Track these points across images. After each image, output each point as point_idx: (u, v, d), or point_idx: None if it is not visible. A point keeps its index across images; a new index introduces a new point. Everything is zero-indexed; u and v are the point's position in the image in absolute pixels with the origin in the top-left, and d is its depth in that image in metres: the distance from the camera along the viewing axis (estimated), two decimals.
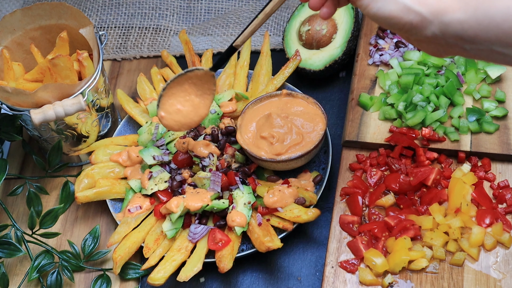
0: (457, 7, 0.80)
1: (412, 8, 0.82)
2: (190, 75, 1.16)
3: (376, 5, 0.84)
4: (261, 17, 1.01)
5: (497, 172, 1.31)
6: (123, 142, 1.41)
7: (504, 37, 0.79)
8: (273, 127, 1.29)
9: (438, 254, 1.20)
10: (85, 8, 1.70)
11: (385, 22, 0.85)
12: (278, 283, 1.26)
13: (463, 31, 0.81)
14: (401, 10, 0.83)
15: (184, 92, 1.18)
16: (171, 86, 1.17)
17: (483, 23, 0.79)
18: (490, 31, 0.79)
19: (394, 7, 0.83)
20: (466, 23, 0.80)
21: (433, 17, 0.82)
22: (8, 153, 1.50)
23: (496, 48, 0.81)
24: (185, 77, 1.16)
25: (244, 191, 1.27)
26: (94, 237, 1.31)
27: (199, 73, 1.16)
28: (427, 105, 1.35)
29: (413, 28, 0.84)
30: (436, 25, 0.82)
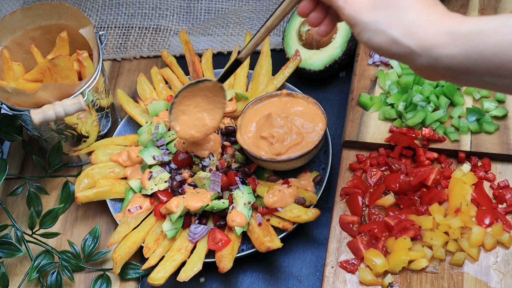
0: (446, 42, 0.80)
1: (399, 41, 0.83)
2: (201, 86, 1.19)
3: (366, 35, 0.85)
4: (262, 30, 1.03)
5: (497, 172, 1.31)
6: (123, 142, 1.41)
7: (494, 70, 0.79)
8: (273, 127, 1.29)
9: (438, 254, 1.20)
10: (85, 8, 1.70)
11: (376, 51, 0.86)
12: (278, 283, 1.26)
13: (453, 65, 0.81)
14: (389, 43, 0.84)
15: (196, 108, 1.22)
16: (184, 95, 1.19)
17: (472, 57, 0.79)
18: (480, 65, 0.79)
19: (382, 39, 0.84)
20: (455, 58, 0.80)
21: (421, 51, 0.82)
22: (8, 153, 1.50)
23: (487, 79, 0.82)
24: (197, 88, 1.19)
25: (244, 191, 1.27)
26: (94, 237, 1.31)
27: (209, 84, 1.18)
28: (427, 105, 1.35)
29: (402, 58, 0.85)
30: (425, 58, 0.82)
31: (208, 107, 1.22)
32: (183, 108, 1.22)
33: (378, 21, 0.83)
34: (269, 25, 1.01)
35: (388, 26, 0.83)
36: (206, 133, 1.24)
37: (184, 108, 1.22)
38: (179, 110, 1.22)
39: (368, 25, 0.84)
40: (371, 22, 0.84)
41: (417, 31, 0.81)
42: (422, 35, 0.81)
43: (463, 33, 0.79)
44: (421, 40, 0.81)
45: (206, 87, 1.19)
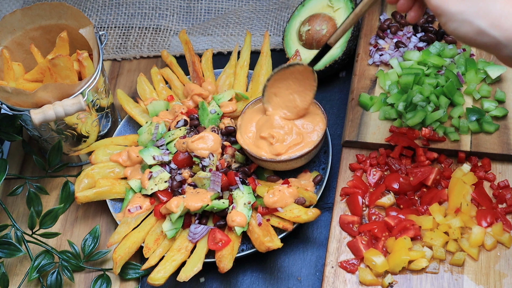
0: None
1: (486, 32, 0.83)
2: (292, 69, 1.25)
3: (452, 25, 0.86)
4: (351, 16, 1.09)
5: (497, 172, 1.31)
6: (123, 142, 1.41)
7: None
8: (273, 128, 1.29)
9: (438, 254, 1.20)
10: (85, 8, 1.70)
11: (462, 40, 0.87)
12: (278, 283, 1.26)
13: None
14: (475, 33, 0.84)
15: (288, 90, 1.28)
16: (276, 78, 1.27)
17: None
18: None
19: (469, 29, 0.84)
20: None
21: (508, 42, 0.82)
22: (8, 153, 1.50)
23: None
24: (288, 71, 1.25)
25: (244, 191, 1.27)
26: (94, 237, 1.31)
27: (300, 68, 1.25)
28: (427, 105, 1.35)
29: (488, 48, 0.85)
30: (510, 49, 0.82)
31: (299, 89, 1.27)
32: (275, 91, 1.29)
33: (465, 12, 0.83)
34: (357, 11, 1.06)
35: (475, 16, 0.83)
36: (297, 114, 1.30)
37: (276, 91, 1.29)
38: (272, 93, 1.29)
39: (455, 15, 0.84)
40: (458, 12, 0.84)
41: (505, 22, 0.81)
42: (509, 26, 0.81)
43: None
44: (508, 31, 0.81)
45: (297, 70, 1.25)
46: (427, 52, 1.42)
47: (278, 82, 1.28)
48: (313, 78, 1.25)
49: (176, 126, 1.37)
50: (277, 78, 1.27)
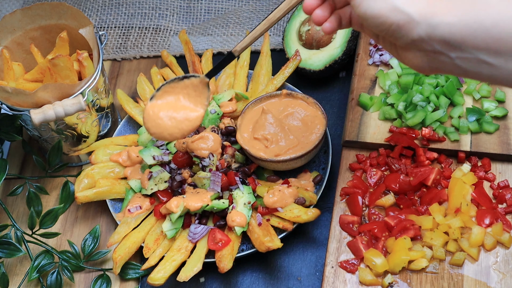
0: (447, 10, 0.79)
1: (400, 8, 0.82)
2: (187, 83, 1.12)
3: (367, 2, 0.84)
4: (263, 22, 0.99)
5: (497, 172, 1.31)
6: (123, 142, 1.41)
7: (492, 43, 0.77)
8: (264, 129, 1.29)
9: (438, 254, 1.20)
10: (85, 8, 1.70)
11: (373, 21, 0.85)
12: (278, 283, 1.26)
13: (451, 34, 0.79)
14: (390, 9, 0.82)
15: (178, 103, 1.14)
16: (165, 90, 1.12)
17: (472, 27, 0.78)
18: (478, 36, 0.78)
19: (383, 5, 0.83)
20: (454, 27, 0.79)
21: (421, 19, 0.81)
22: (8, 153, 1.50)
23: (482, 57, 0.80)
24: (181, 84, 1.12)
25: (244, 191, 1.27)
26: (94, 237, 1.31)
27: (195, 81, 1.12)
28: (427, 105, 1.35)
29: (400, 29, 0.83)
30: (423, 28, 0.81)
31: (190, 107, 1.14)
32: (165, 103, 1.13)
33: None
34: (271, 17, 0.98)
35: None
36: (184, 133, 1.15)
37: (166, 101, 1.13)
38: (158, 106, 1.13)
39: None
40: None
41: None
42: (423, 2, 0.80)
43: (466, 0, 0.78)
44: (422, 7, 0.80)
45: (191, 83, 1.12)
46: None
47: (167, 95, 1.13)
48: (206, 96, 1.12)
49: None
50: (167, 90, 1.12)
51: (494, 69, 0.80)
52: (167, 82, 1.12)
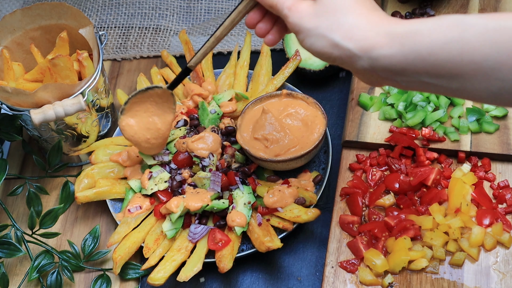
0: (384, 42, 0.82)
1: (340, 44, 0.85)
2: (151, 93, 1.21)
3: (309, 40, 0.88)
4: (212, 40, 1.05)
5: (497, 172, 1.31)
6: (123, 142, 1.41)
7: (431, 69, 0.81)
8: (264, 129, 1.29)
9: (438, 254, 1.20)
10: (85, 8, 1.70)
11: (318, 56, 0.89)
12: (278, 283, 1.26)
13: (392, 65, 0.83)
14: (331, 46, 0.86)
15: (146, 113, 1.24)
16: (133, 101, 1.22)
17: (409, 57, 0.81)
18: (417, 64, 0.81)
19: (324, 43, 0.87)
20: (393, 58, 0.82)
21: (361, 53, 0.84)
22: (8, 153, 1.50)
23: (425, 79, 0.83)
24: (146, 95, 1.22)
25: (244, 191, 1.27)
26: (94, 237, 1.31)
27: (159, 91, 1.21)
28: (427, 105, 1.35)
29: (344, 62, 0.87)
30: (365, 60, 0.85)
31: (158, 112, 1.24)
32: (133, 114, 1.24)
33: (319, 27, 0.86)
34: (218, 34, 1.04)
35: (329, 30, 0.86)
36: (162, 136, 1.27)
37: (134, 114, 1.24)
38: (129, 116, 1.24)
39: (310, 31, 0.88)
40: (313, 28, 0.87)
41: (357, 34, 0.84)
42: (362, 37, 0.84)
43: (400, 33, 0.81)
44: (361, 42, 0.84)
45: (155, 93, 1.22)
46: None
47: (136, 105, 1.23)
48: (172, 101, 1.23)
49: (176, 126, 1.37)
50: (135, 101, 1.22)
51: (440, 88, 0.84)
52: (132, 95, 1.21)
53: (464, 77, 0.80)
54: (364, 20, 0.84)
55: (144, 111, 1.24)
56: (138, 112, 1.24)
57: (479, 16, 0.79)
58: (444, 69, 0.80)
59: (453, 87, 0.82)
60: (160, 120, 1.25)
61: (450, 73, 0.80)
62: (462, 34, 0.78)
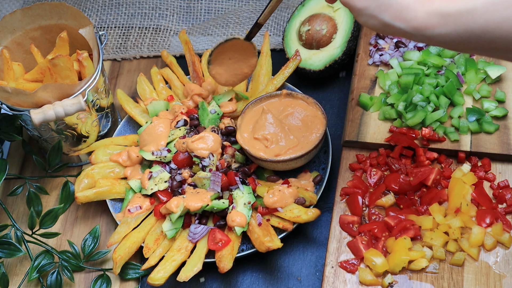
0: (436, 22, 0.83)
1: (391, 24, 0.86)
2: (231, 43, 1.32)
3: (361, 18, 0.89)
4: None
5: (497, 172, 1.31)
6: (123, 142, 1.41)
7: (487, 45, 0.83)
8: (264, 129, 1.29)
9: (438, 254, 1.20)
10: (85, 8, 1.70)
11: (375, 30, 0.91)
12: (278, 283, 1.26)
13: (446, 42, 0.84)
14: (383, 26, 0.87)
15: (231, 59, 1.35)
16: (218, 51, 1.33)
17: (464, 36, 0.82)
18: (472, 41, 0.83)
19: (376, 23, 0.88)
20: (448, 37, 0.83)
21: (414, 32, 0.85)
22: (8, 153, 1.50)
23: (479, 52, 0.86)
24: (227, 45, 1.32)
25: (244, 191, 1.27)
26: (94, 237, 1.31)
27: (238, 41, 1.32)
28: (427, 105, 1.35)
29: (400, 36, 0.88)
30: (419, 37, 0.86)
31: (242, 58, 1.35)
32: (220, 62, 1.35)
33: (369, 7, 0.87)
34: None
35: (378, 11, 0.86)
36: (247, 77, 1.39)
37: (221, 62, 1.35)
38: (217, 65, 1.35)
39: (361, 10, 0.88)
40: (363, 8, 0.87)
41: (407, 14, 0.84)
42: (412, 17, 0.84)
43: (453, 13, 0.81)
44: (412, 22, 0.84)
45: (235, 43, 1.32)
46: (427, 52, 1.42)
47: (221, 54, 1.33)
48: (252, 47, 1.33)
49: (176, 126, 1.37)
50: (218, 51, 1.33)
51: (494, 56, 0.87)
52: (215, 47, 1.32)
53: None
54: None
55: (229, 58, 1.34)
56: (224, 60, 1.34)
57: None
58: (499, 44, 0.81)
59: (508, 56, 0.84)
60: (245, 64, 1.36)
61: (506, 47, 0.81)
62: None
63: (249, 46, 1.33)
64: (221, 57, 1.34)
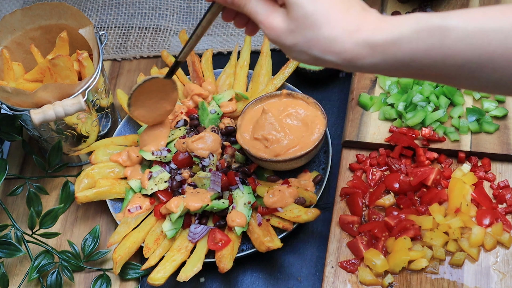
0: (365, 53, 0.82)
1: (322, 58, 0.85)
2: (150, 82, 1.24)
3: (291, 55, 0.88)
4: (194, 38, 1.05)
5: (497, 172, 1.31)
6: (123, 142, 1.41)
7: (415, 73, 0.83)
8: (264, 129, 1.29)
9: (438, 254, 1.20)
10: (85, 8, 1.70)
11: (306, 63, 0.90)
12: (278, 283, 1.26)
13: (378, 71, 0.84)
14: (314, 60, 0.86)
15: (152, 99, 1.28)
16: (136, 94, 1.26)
17: (393, 64, 0.82)
18: (401, 69, 0.83)
19: (307, 58, 0.86)
20: (377, 66, 0.83)
21: (344, 63, 0.84)
22: (8, 153, 1.50)
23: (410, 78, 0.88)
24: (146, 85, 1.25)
25: (244, 191, 1.27)
26: (94, 237, 1.31)
27: (157, 80, 1.24)
28: (427, 105, 1.35)
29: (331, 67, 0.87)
30: (350, 68, 0.85)
31: (162, 95, 1.28)
32: (140, 104, 1.28)
33: (297, 44, 0.85)
34: (199, 33, 1.04)
35: (308, 47, 0.85)
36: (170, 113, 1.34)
37: (141, 104, 1.28)
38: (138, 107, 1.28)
39: (291, 47, 0.86)
40: (292, 45, 0.86)
41: (335, 47, 0.83)
42: (341, 49, 0.83)
43: (380, 43, 0.81)
44: (342, 55, 0.83)
45: (155, 82, 1.25)
46: None
47: (140, 95, 1.26)
48: (171, 82, 1.26)
49: (176, 126, 1.37)
50: (138, 93, 1.26)
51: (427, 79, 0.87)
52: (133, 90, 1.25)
53: (448, 77, 0.81)
54: (339, 30, 0.82)
55: (149, 99, 1.28)
56: (145, 100, 1.28)
57: (459, 17, 0.78)
58: (428, 72, 0.81)
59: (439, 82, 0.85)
60: (166, 101, 1.30)
61: (435, 74, 0.81)
62: (442, 40, 0.78)
63: (168, 82, 1.26)
64: (141, 98, 1.27)
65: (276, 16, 0.86)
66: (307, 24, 0.83)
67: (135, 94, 1.25)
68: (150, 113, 1.31)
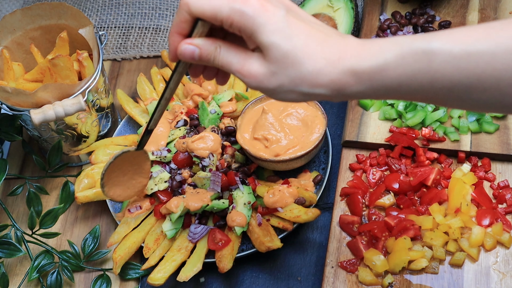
0: (352, 81, 0.81)
1: (310, 93, 0.83)
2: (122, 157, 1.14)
3: (278, 96, 0.85)
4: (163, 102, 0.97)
5: (497, 172, 1.31)
6: (123, 142, 1.41)
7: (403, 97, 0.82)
8: (264, 129, 1.29)
9: (438, 254, 1.20)
10: (85, 8, 1.70)
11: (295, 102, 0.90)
12: (278, 283, 1.26)
13: (366, 96, 0.83)
14: (303, 96, 0.84)
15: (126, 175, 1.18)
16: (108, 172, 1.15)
17: (380, 90, 0.81)
18: (390, 94, 0.82)
19: (295, 96, 0.84)
20: (365, 93, 0.82)
21: (333, 93, 0.83)
22: (8, 153, 1.50)
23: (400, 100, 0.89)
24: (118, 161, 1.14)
25: (244, 191, 1.27)
26: (94, 237, 1.31)
27: (128, 154, 1.14)
28: (427, 105, 1.35)
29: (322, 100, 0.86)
30: (340, 97, 0.84)
31: (136, 168, 1.19)
32: (114, 183, 1.18)
33: (282, 85, 0.83)
34: (168, 97, 0.96)
35: (294, 85, 0.82)
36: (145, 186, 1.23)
37: (115, 182, 1.18)
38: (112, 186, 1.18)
39: (275, 90, 0.84)
40: (276, 87, 0.83)
41: (322, 79, 0.81)
42: (328, 81, 0.81)
43: (366, 70, 0.80)
44: (329, 85, 0.82)
45: (126, 156, 1.15)
46: None
47: (113, 173, 1.16)
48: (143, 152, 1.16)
49: (176, 126, 1.37)
50: (110, 171, 1.16)
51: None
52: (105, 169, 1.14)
53: (438, 99, 0.81)
54: (322, 62, 0.81)
55: (123, 175, 1.18)
56: (118, 177, 1.18)
57: (442, 39, 0.77)
58: (417, 95, 0.81)
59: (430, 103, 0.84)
60: (140, 174, 1.20)
61: (424, 97, 0.81)
62: (429, 64, 0.77)
63: (140, 153, 1.16)
64: (114, 175, 1.16)
65: (252, 62, 0.83)
66: (289, 63, 0.81)
67: (108, 172, 1.14)
68: (125, 191, 1.20)
